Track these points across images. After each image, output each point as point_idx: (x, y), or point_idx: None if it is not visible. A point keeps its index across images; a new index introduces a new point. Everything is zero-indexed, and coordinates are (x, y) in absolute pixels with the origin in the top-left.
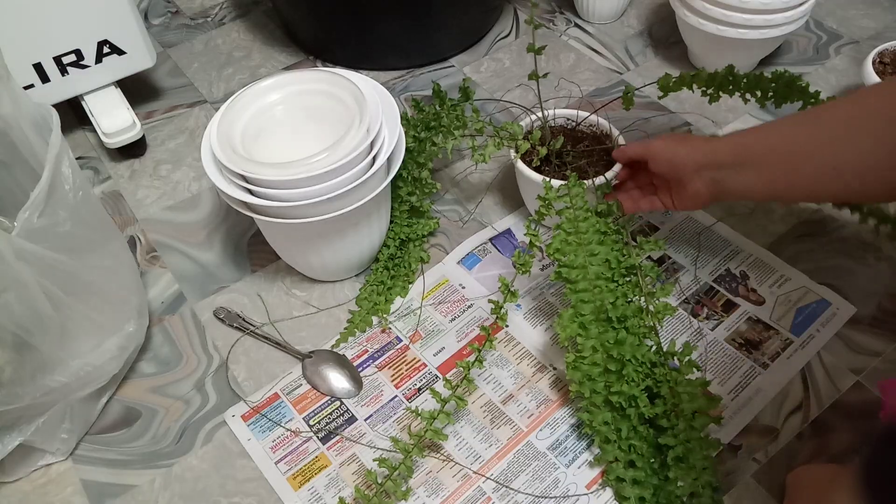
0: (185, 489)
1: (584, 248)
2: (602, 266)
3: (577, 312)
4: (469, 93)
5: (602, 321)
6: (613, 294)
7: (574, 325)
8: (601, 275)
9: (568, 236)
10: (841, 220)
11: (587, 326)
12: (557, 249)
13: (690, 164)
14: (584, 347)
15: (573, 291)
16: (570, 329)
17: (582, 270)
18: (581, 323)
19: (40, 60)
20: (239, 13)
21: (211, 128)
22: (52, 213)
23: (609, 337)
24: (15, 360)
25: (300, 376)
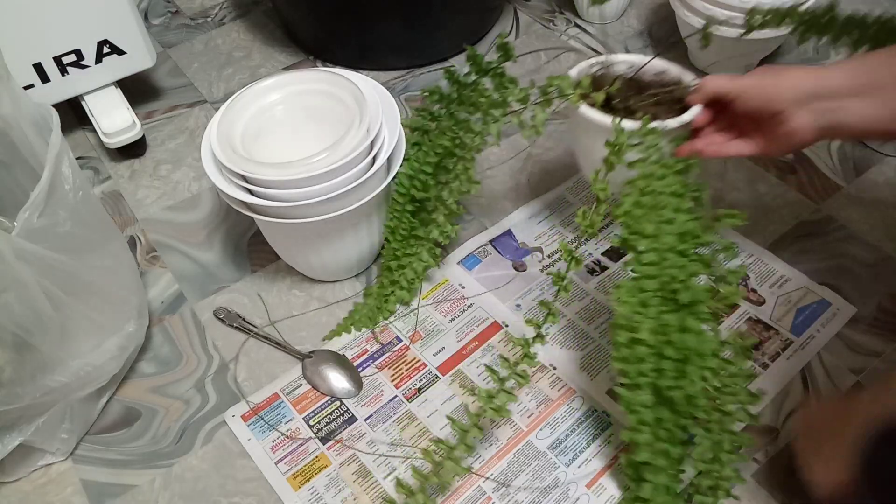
0: (185, 489)
1: (657, 213)
2: (676, 237)
3: (639, 287)
4: (510, 50)
5: (667, 300)
6: (685, 271)
7: (634, 301)
8: (674, 247)
9: (642, 196)
10: (841, 220)
11: (647, 304)
12: (627, 212)
13: (794, 94)
14: (641, 328)
15: (639, 263)
16: (629, 305)
17: (653, 240)
18: (642, 300)
19: (40, 60)
20: (239, 13)
21: (211, 128)
22: (52, 213)
23: (672, 321)
24: (15, 360)
25: (300, 376)
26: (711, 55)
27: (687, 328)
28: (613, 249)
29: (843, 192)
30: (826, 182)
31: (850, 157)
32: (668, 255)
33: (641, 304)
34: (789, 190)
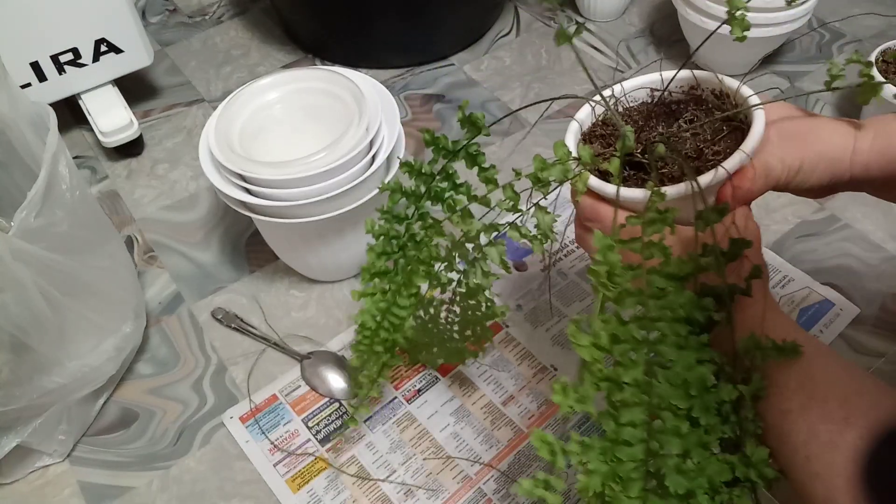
0: (182, 491)
1: (643, 348)
2: (677, 390)
3: (614, 453)
4: (477, 122)
5: (653, 475)
6: (684, 442)
7: (605, 470)
8: (670, 404)
9: (621, 326)
10: (844, 219)
11: (627, 478)
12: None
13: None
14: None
15: (611, 419)
16: (598, 475)
17: (636, 391)
18: (616, 472)
19: (37, 59)
20: (237, 11)
21: (209, 127)
22: (49, 212)
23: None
24: (12, 361)
25: (299, 377)
26: (713, 53)
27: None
28: None
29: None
30: None
31: None
32: (663, 414)
33: (614, 477)
34: None
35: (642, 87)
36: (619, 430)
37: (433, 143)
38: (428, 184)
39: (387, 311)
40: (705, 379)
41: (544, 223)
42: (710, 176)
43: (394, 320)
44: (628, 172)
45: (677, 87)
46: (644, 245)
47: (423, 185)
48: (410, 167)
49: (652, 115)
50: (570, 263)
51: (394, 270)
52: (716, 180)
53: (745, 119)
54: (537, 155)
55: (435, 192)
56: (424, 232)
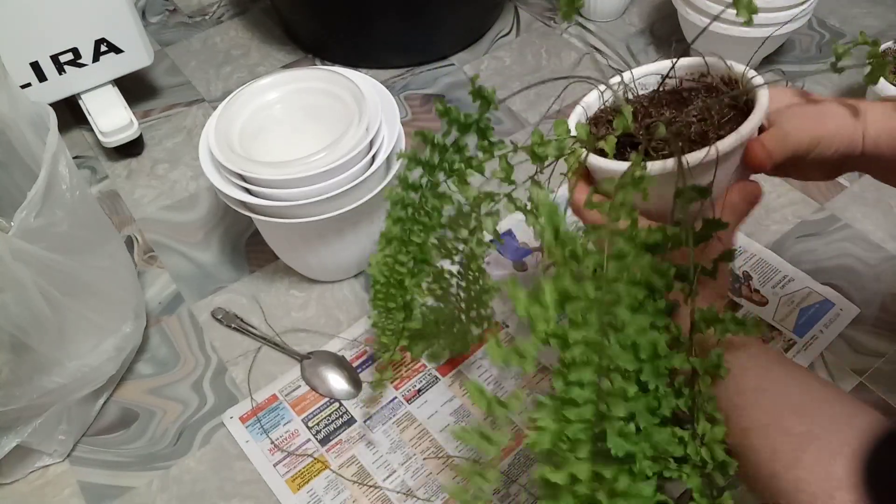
0: (182, 491)
1: (602, 310)
2: (626, 352)
3: (563, 413)
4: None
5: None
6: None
7: (555, 429)
8: (619, 367)
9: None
10: (844, 219)
11: (574, 439)
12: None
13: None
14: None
15: (561, 378)
16: (548, 433)
17: (588, 350)
18: (564, 432)
19: (37, 59)
20: (237, 11)
21: (209, 127)
22: (49, 212)
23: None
24: (12, 361)
25: (299, 377)
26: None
27: (619, 493)
28: None
29: (847, 192)
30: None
31: None
32: (612, 375)
33: (562, 438)
34: (792, 189)
35: (652, 73)
36: (568, 389)
37: (446, 114)
38: (442, 153)
39: (392, 268)
40: (657, 343)
41: (538, 197)
42: (701, 154)
43: (397, 276)
44: (628, 153)
45: (688, 76)
46: (611, 206)
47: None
48: (423, 136)
49: (662, 101)
50: None
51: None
52: (706, 159)
53: (750, 104)
54: (536, 129)
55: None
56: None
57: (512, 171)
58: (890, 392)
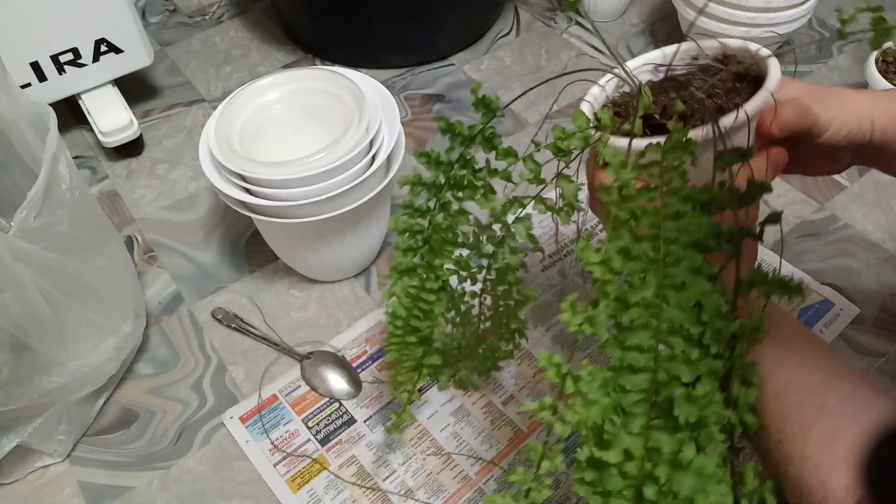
0: (182, 491)
1: (659, 271)
2: (687, 314)
3: (617, 382)
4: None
5: (660, 409)
6: (692, 370)
7: (607, 402)
8: (680, 329)
9: (635, 242)
10: (844, 219)
11: (629, 412)
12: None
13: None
14: (613, 447)
15: (620, 346)
16: (597, 407)
17: (646, 312)
18: (618, 403)
19: (37, 59)
20: (237, 11)
21: (209, 127)
22: (49, 212)
23: (664, 444)
24: (12, 361)
25: (299, 377)
26: None
27: (683, 463)
28: None
29: (847, 192)
30: (829, 181)
31: None
32: (671, 339)
33: (616, 410)
34: (792, 189)
35: (646, 63)
36: (625, 356)
37: (449, 130)
38: (447, 173)
39: (416, 298)
40: (720, 305)
41: (569, 192)
42: (732, 118)
43: (424, 306)
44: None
45: (681, 62)
46: (663, 169)
47: (443, 174)
48: (428, 157)
49: (662, 88)
50: (570, 263)
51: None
52: (737, 123)
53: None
54: (556, 125)
55: (455, 180)
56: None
57: (540, 169)
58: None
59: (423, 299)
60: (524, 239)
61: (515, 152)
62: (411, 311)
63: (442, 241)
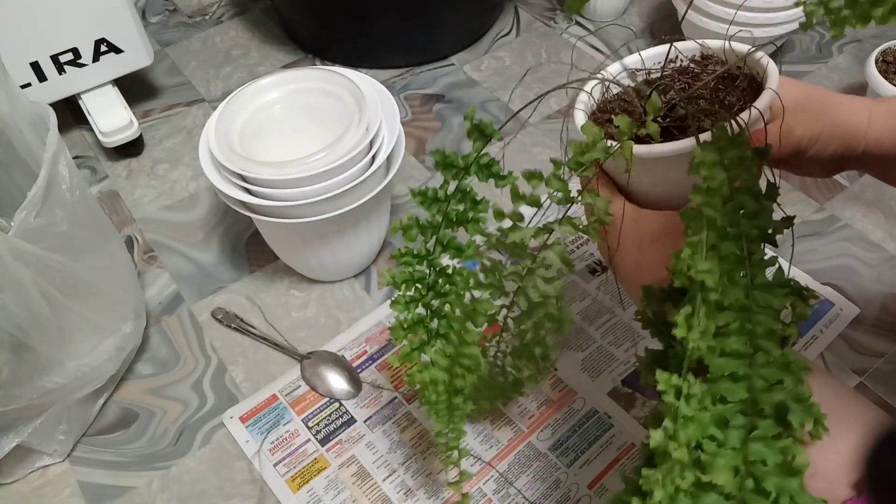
0: (182, 491)
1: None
2: (773, 314)
3: (713, 393)
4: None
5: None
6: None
7: (706, 417)
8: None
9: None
10: (844, 219)
11: (731, 425)
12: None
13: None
14: (715, 466)
15: (716, 353)
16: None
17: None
18: (720, 417)
19: (37, 59)
20: (237, 11)
21: (209, 127)
22: (49, 212)
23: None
24: (12, 361)
25: (299, 377)
26: None
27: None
28: None
29: (847, 192)
30: (829, 181)
31: None
32: (765, 343)
33: (718, 424)
34: (792, 189)
35: (623, 70)
36: (725, 363)
37: (443, 165)
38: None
39: (456, 357)
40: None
41: (599, 207)
42: (745, 116)
43: (467, 362)
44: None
45: (654, 65)
46: (728, 165)
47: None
48: (423, 196)
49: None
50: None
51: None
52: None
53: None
54: (572, 141)
55: (455, 216)
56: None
57: (567, 186)
58: (890, 392)
59: (465, 354)
60: (560, 265)
61: (540, 174)
62: (452, 372)
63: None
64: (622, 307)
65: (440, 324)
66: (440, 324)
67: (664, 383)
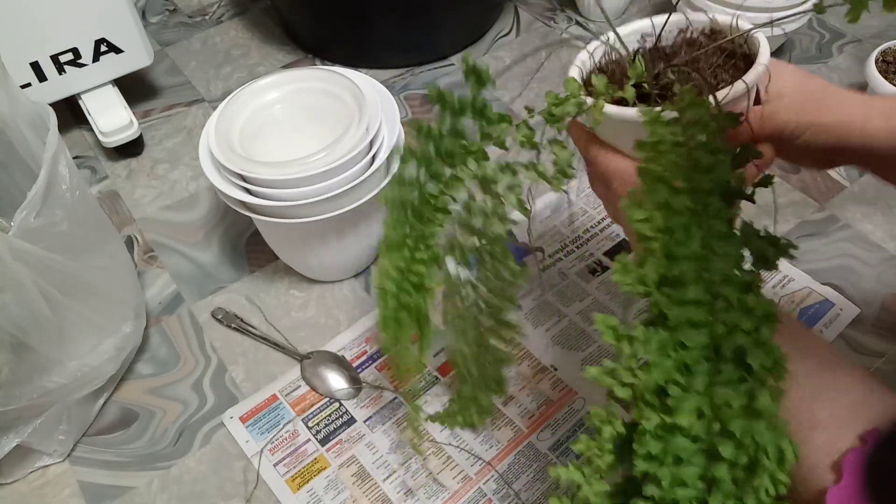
0: (182, 491)
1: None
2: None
3: (676, 340)
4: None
5: (726, 361)
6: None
7: (669, 363)
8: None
9: (674, 195)
10: (844, 219)
11: (693, 370)
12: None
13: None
14: (681, 409)
15: (677, 301)
16: (661, 369)
17: (696, 265)
18: (681, 361)
19: (37, 59)
20: (237, 11)
21: (209, 127)
22: (49, 212)
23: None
24: (12, 361)
25: (299, 377)
26: None
27: (757, 411)
28: (614, 249)
29: (847, 192)
30: (829, 181)
31: None
32: (725, 289)
33: (679, 369)
34: (792, 189)
35: (633, 33)
36: (683, 312)
37: (439, 100)
38: (438, 143)
39: (406, 270)
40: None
41: (563, 158)
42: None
43: (414, 279)
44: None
45: (668, 35)
46: (685, 125)
47: (434, 144)
48: (419, 127)
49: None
50: (570, 263)
51: (409, 236)
52: (736, 94)
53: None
54: (549, 91)
55: (445, 150)
56: (440, 188)
57: (533, 134)
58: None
59: (413, 272)
60: (515, 206)
61: (510, 118)
62: (401, 285)
63: (434, 210)
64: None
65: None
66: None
67: (601, 323)
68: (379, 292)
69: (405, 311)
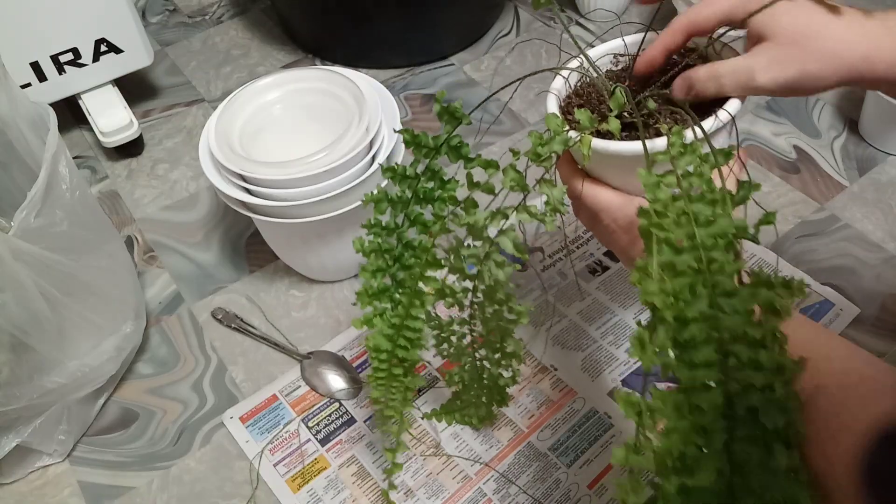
0: (182, 491)
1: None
2: (744, 318)
3: (691, 402)
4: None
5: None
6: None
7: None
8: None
9: (676, 255)
10: (844, 219)
11: (710, 430)
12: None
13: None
14: (701, 469)
15: (689, 365)
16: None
17: (706, 325)
18: (698, 424)
19: (37, 59)
20: (237, 11)
21: (209, 127)
22: (49, 212)
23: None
24: (12, 361)
25: (299, 377)
26: None
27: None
28: None
29: (847, 192)
30: (829, 181)
31: (853, 156)
32: (736, 348)
33: (697, 432)
34: (792, 189)
35: (606, 53)
36: (695, 374)
37: (413, 143)
38: (413, 187)
39: (401, 327)
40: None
41: (554, 197)
42: (712, 120)
43: (410, 335)
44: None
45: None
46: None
47: (409, 188)
48: (393, 172)
49: (622, 80)
50: (570, 264)
51: (393, 286)
52: (718, 125)
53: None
54: (533, 131)
55: (424, 193)
56: (423, 240)
57: (522, 178)
58: None
59: (409, 327)
60: (511, 251)
61: (496, 163)
62: (396, 341)
63: (425, 264)
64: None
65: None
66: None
67: (622, 403)
68: (370, 349)
69: (400, 367)
